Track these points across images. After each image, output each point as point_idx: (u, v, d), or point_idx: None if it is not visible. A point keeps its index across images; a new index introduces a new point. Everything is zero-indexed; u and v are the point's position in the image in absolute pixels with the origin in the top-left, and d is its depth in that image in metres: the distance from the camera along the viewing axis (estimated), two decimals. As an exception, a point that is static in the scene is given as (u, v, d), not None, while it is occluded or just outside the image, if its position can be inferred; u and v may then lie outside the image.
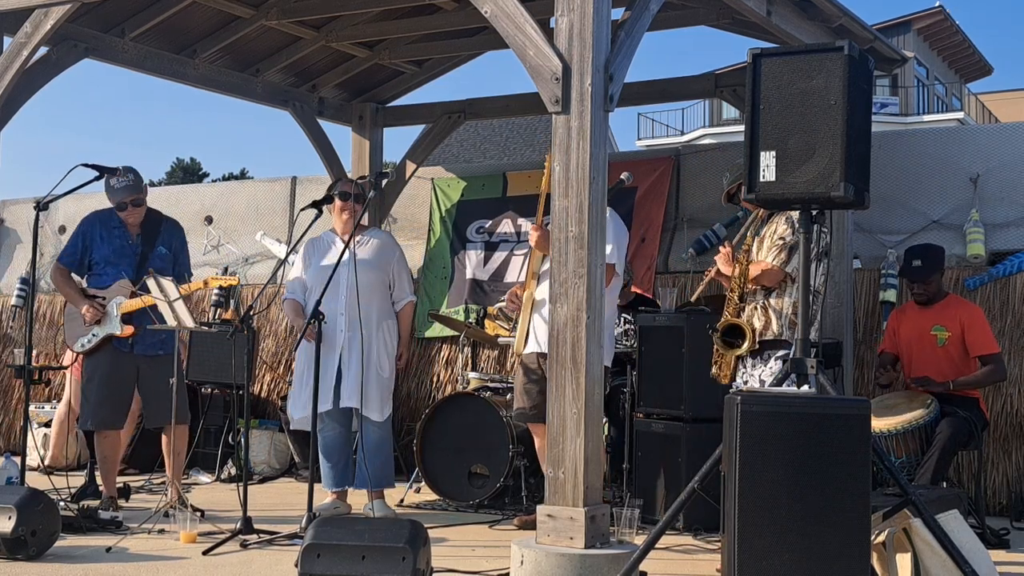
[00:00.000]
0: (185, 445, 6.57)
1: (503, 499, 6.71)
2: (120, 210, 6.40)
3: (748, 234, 5.24)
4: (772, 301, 5.19)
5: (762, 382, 5.09)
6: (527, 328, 6.00)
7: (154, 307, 6.17)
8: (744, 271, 5.17)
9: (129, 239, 6.43)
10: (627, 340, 6.67)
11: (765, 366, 5.16)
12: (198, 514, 5.91)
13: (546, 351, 5.83)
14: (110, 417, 6.40)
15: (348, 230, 6.27)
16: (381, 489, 6.35)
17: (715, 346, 5.23)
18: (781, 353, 5.12)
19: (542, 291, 5.92)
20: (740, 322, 5.13)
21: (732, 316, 5.17)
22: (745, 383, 5.16)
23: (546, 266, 5.94)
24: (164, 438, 6.46)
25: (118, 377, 6.38)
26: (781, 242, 5.16)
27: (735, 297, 5.19)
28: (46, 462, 8.04)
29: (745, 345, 5.09)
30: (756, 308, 5.22)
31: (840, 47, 4.29)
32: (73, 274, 6.50)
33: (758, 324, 5.19)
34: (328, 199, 6.11)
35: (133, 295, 6.27)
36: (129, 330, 6.29)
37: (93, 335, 6.35)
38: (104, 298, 6.34)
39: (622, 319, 6.72)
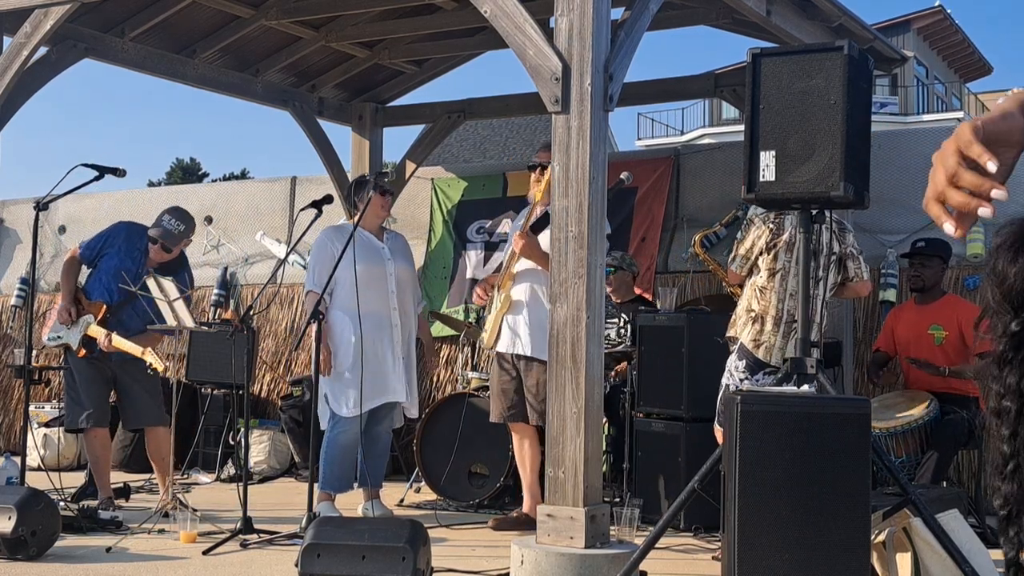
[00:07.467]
0: (166, 447, 6.41)
1: (503, 499, 6.71)
2: (151, 241, 6.41)
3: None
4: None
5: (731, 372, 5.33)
6: (499, 325, 6.05)
7: (145, 308, 6.20)
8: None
9: (140, 267, 6.41)
10: (620, 335, 6.68)
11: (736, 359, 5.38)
12: (196, 513, 5.90)
13: (526, 353, 5.93)
14: (98, 415, 6.42)
15: (379, 225, 6.37)
16: (380, 487, 6.38)
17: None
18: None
19: (518, 292, 5.98)
20: None
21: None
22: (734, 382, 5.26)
23: (519, 267, 5.99)
24: (148, 441, 6.51)
25: (96, 376, 6.42)
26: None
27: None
28: None
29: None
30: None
31: (840, 47, 4.29)
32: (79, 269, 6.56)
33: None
34: (329, 198, 6.11)
35: (101, 323, 6.28)
36: (82, 352, 6.33)
37: (59, 336, 6.42)
38: (83, 308, 6.39)
39: (621, 318, 6.72)
